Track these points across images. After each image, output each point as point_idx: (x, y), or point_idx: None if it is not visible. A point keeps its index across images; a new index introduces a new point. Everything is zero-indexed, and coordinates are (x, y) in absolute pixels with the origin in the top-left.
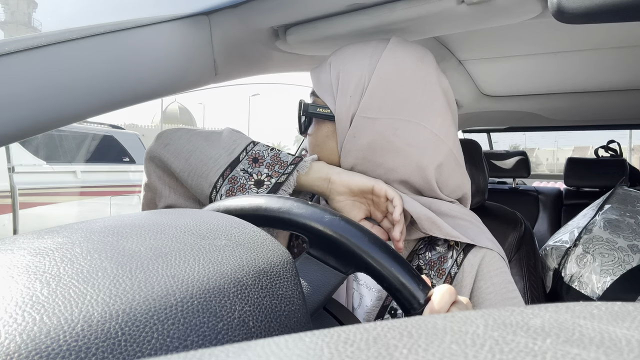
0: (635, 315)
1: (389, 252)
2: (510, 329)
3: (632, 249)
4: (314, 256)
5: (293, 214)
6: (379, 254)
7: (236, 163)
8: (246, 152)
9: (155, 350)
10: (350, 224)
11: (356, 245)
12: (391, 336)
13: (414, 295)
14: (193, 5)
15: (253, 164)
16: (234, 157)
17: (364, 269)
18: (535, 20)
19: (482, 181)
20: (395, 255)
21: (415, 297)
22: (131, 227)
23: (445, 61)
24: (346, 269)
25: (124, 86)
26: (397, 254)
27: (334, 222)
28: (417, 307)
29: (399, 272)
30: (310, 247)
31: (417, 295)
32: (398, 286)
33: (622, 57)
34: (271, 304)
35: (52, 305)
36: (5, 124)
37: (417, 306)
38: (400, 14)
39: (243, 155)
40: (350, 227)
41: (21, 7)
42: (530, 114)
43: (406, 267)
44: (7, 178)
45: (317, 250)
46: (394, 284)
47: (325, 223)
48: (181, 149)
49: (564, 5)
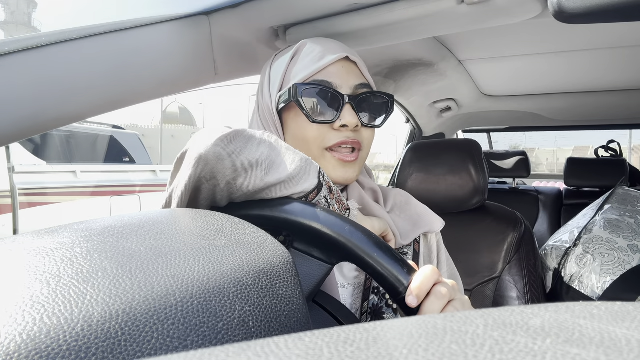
0: (635, 315)
1: (371, 239)
2: (510, 329)
3: (632, 249)
4: (299, 250)
5: (275, 211)
6: (361, 241)
7: (320, 188)
8: (323, 177)
9: (155, 350)
10: (332, 215)
11: (338, 235)
12: (391, 336)
13: (399, 280)
14: (193, 5)
15: (330, 194)
16: (316, 182)
17: (348, 258)
18: (535, 20)
19: (482, 181)
20: (377, 242)
21: (401, 281)
22: (131, 227)
23: (445, 61)
24: (331, 260)
25: (124, 86)
26: (379, 240)
27: (315, 214)
28: (404, 291)
29: (382, 257)
30: (295, 242)
31: (403, 279)
32: (383, 272)
33: (622, 57)
34: (271, 304)
35: (52, 305)
36: (5, 124)
37: (404, 290)
38: (400, 14)
39: (321, 179)
40: (332, 218)
41: (21, 7)
42: (530, 114)
43: (389, 252)
44: (7, 178)
45: (301, 244)
46: (378, 269)
47: (306, 216)
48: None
49: (564, 5)
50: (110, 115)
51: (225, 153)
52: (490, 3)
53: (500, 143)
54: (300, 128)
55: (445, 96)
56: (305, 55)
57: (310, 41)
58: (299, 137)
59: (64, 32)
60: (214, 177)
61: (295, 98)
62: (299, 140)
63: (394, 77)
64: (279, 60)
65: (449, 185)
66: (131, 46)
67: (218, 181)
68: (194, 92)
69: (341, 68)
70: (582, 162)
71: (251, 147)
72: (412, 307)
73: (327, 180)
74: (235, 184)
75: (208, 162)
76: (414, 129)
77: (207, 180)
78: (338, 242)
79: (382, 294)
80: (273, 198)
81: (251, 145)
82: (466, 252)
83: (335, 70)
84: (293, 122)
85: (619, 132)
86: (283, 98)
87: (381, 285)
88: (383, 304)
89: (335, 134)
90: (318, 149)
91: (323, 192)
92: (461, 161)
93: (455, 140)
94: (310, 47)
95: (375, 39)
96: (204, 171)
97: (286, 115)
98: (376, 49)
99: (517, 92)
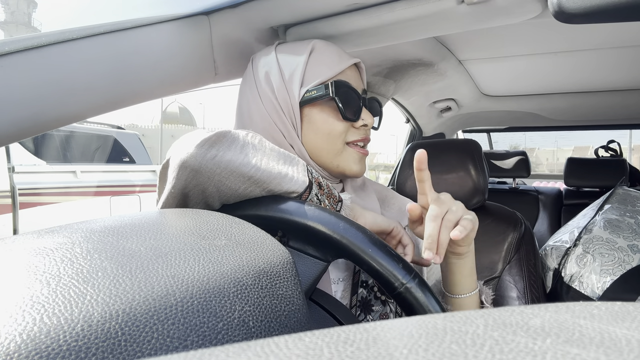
0: (635, 315)
1: (366, 235)
2: (510, 329)
3: (632, 249)
4: (294, 248)
5: (270, 210)
6: (355, 238)
7: (310, 187)
8: (311, 174)
9: (155, 350)
10: (326, 212)
11: (333, 232)
12: (391, 336)
13: (394, 275)
14: (193, 5)
15: (320, 190)
16: (307, 181)
17: (343, 255)
18: (535, 20)
19: (482, 181)
20: (372, 238)
21: (397, 277)
22: (131, 227)
23: (445, 61)
24: (326, 257)
25: (124, 86)
26: (374, 236)
27: (309, 212)
28: (400, 286)
29: (377, 253)
30: (290, 240)
31: (398, 274)
32: (378, 267)
33: (622, 57)
34: (271, 304)
35: (52, 305)
36: (5, 124)
37: (399, 285)
38: (400, 14)
39: (310, 177)
40: (326, 215)
41: (21, 7)
42: (530, 114)
43: (384, 249)
44: (7, 178)
45: (296, 242)
46: (373, 265)
47: (300, 215)
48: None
49: (564, 5)
50: (110, 115)
51: (208, 157)
52: (490, 3)
53: (500, 143)
54: (327, 123)
55: (445, 96)
56: (324, 54)
57: (321, 41)
58: (325, 132)
59: (64, 32)
60: (200, 182)
61: (333, 95)
62: (324, 134)
63: (394, 77)
64: (288, 56)
65: (448, 185)
66: (131, 46)
67: (205, 186)
68: (194, 92)
69: (354, 72)
70: (582, 162)
71: (235, 149)
72: (433, 262)
73: (315, 177)
74: (224, 186)
75: (192, 168)
76: (414, 129)
77: (192, 187)
78: (333, 239)
79: (371, 287)
80: (265, 197)
81: (235, 147)
82: None
83: (352, 74)
84: (319, 117)
85: (619, 132)
86: (315, 94)
87: (377, 280)
88: (372, 297)
89: (356, 131)
90: (342, 143)
91: (314, 190)
92: (461, 161)
93: (455, 140)
94: (326, 47)
95: (375, 39)
96: (188, 177)
97: (307, 110)
98: (376, 49)
99: (517, 92)
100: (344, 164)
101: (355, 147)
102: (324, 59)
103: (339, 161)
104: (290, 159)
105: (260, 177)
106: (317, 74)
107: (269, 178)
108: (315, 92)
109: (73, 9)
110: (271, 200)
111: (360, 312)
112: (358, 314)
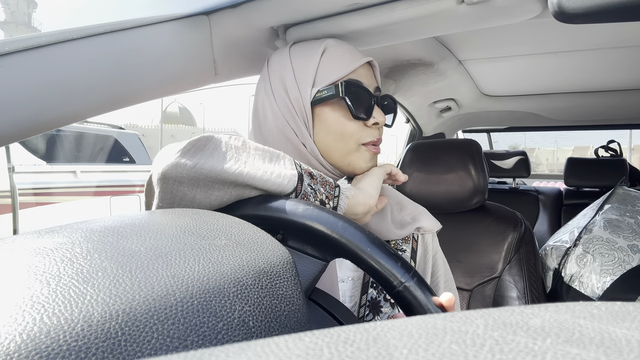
0: (635, 315)
1: (365, 234)
2: (510, 329)
3: (632, 249)
4: (292, 247)
5: (267, 209)
6: (354, 237)
7: (301, 178)
8: (300, 166)
9: (155, 350)
10: (324, 211)
11: (331, 231)
12: (391, 336)
13: (393, 274)
14: (193, 5)
15: (312, 180)
16: (296, 173)
17: (342, 254)
18: (535, 20)
19: (482, 181)
20: (371, 237)
21: (395, 275)
22: (131, 227)
23: (445, 61)
24: (325, 256)
25: (124, 86)
26: (372, 235)
27: (308, 211)
28: (398, 285)
29: (376, 252)
30: (288, 239)
31: (397, 273)
32: (377, 266)
33: (622, 57)
34: (271, 304)
35: (52, 305)
36: (5, 124)
37: (398, 284)
38: (400, 14)
39: (299, 169)
40: (324, 214)
41: (21, 7)
42: (530, 114)
43: (383, 247)
44: (7, 178)
45: (295, 242)
46: (372, 264)
47: (298, 214)
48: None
49: (564, 5)
50: (110, 115)
51: (189, 166)
52: (490, 3)
53: (500, 143)
54: (338, 123)
55: (445, 96)
56: (335, 54)
57: (334, 40)
58: (337, 131)
59: (64, 32)
60: (186, 192)
61: (343, 95)
62: (336, 134)
63: (394, 77)
64: (301, 56)
65: (449, 185)
66: (131, 46)
67: (193, 194)
68: (194, 92)
69: (367, 71)
70: (582, 162)
71: (217, 156)
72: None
73: (304, 168)
74: (212, 195)
75: (174, 179)
76: (414, 129)
77: (179, 199)
78: (331, 238)
79: (380, 288)
80: (263, 196)
81: (217, 154)
82: (466, 252)
83: (364, 72)
84: (330, 116)
85: (619, 132)
86: (325, 94)
87: (375, 279)
88: (381, 298)
89: (368, 130)
90: (355, 144)
91: (306, 181)
92: (461, 161)
93: (455, 140)
94: (339, 47)
95: (375, 39)
96: (173, 189)
97: (319, 109)
98: (376, 49)
99: (517, 92)
100: (355, 162)
101: (369, 146)
102: (335, 59)
103: (350, 159)
104: (275, 155)
105: (245, 180)
106: (329, 73)
107: (253, 179)
108: (326, 92)
109: (73, 9)
110: (270, 200)
111: (368, 312)
112: (367, 313)
